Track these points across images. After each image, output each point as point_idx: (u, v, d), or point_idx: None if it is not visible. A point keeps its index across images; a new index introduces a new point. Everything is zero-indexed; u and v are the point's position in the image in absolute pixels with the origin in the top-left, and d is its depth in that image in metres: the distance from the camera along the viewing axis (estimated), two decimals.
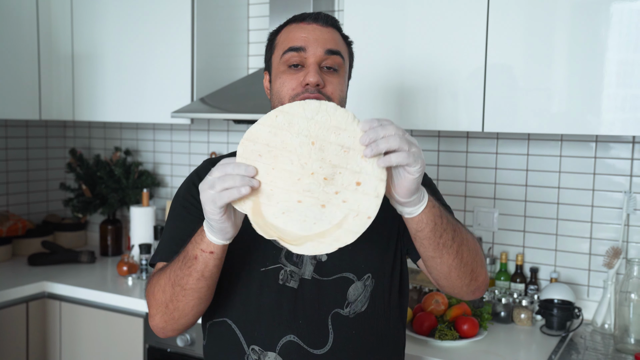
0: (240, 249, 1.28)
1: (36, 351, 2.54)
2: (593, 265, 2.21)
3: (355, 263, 1.29)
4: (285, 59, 1.28)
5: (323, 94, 1.26)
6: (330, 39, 1.29)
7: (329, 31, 1.31)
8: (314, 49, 1.27)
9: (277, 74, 1.30)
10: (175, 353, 2.23)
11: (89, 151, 3.36)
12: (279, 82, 1.29)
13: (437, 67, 2.03)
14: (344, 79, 1.33)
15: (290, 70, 1.28)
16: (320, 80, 1.25)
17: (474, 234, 1.33)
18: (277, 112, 1.07)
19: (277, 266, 1.28)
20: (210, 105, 2.42)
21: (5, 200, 3.12)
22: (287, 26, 1.34)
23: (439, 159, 2.45)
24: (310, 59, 1.27)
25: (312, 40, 1.27)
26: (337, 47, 1.30)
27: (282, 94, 1.28)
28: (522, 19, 1.90)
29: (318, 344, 1.26)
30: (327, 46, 1.28)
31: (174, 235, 1.34)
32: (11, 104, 2.69)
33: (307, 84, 1.25)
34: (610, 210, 2.17)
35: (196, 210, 1.33)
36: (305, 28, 1.29)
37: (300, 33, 1.29)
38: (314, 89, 1.25)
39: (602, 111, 1.81)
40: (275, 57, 1.32)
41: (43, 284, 2.54)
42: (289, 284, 1.28)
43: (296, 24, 1.31)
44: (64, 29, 2.82)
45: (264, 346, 1.27)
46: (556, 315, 2.04)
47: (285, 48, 1.29)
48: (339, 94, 1.29)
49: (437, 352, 1.85)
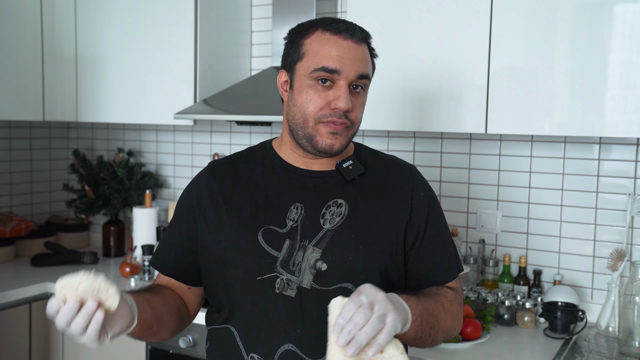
0: (236, 258, 1.28)
1: (39, 352, 2.54)
2: (597, 267, 2.20)
3: (355, 274, 1.27)
4: (316, 75, 1.25)
5: (348, 119, 1.26)
6: (363, 60, 1.27)
7: (362, 50, 1.28)
8: (347, 71, 1.24)
9: (303, 87, 1.27)
10: (177, 354, 2.23)
11: (92, 152, 3.36)
12: (305, 97, 1.26)
13: (440, 69, 2.03)
14: (365, 97, 1.32)
15: (318, 87, 1.25)
16: (349, 107, 1.25)
17: (453, 301, 1.35)
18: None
19: (273, 275, 1.26)
20: (213, 106, 2.42)
21: (8, 201, 3.12)
22: (319, 33, 1.28)
23: (441, 161, 2.45)
24: (342, 81, 1.25)
25: (347, 61, 1.24)
26: (367, 69, 1.29)
27: (308, 111, 1.26)
28: (525, 21, 1.90)
29: (317, 354, 1.25)
30: (361, 70, 1.26)
31: (164, 242, 1.45)
32: (15, 105, 2.70)
33: (335, 107, 1.24)
34: (614, 212, 2.16)
35: (184, 220, 1.39)
36: (341, 45, 1.25)
37: (335, 50, 1.25)
38: (342, 114, 1.25)
39: (606, 113, 1.80)
40: (303, 68, 1.27)
41: (46, 284, 2.54)
42: (285, 293, 1.26)
43: (330, 35, 1.26)
44: (68, 30, 2.83)
45: (263, 354, 1.27)
46: (560, 318, 2.04)
47: (317, 65, 1.24)
48: (360, 116, 1.30)
49: (440, 354, 1.84)
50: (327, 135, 1.26)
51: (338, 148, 1.28)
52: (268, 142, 1.43)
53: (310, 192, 1.32)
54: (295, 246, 1.27)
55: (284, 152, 1.36)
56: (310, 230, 1.28)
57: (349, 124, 1.27)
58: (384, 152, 1.46)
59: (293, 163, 1.35)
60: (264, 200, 1.31)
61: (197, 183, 1.40)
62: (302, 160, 1.35)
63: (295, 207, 1.30)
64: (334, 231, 1.28)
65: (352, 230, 1.29)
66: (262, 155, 1.39)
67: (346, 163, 1.34)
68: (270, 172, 1.35)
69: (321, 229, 1.28)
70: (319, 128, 1.26)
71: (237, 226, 1.30)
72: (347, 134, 1.29)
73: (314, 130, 1.26)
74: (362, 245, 1.28)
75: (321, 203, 1.31)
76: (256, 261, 1.27)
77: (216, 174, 1.38)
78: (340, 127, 1.26)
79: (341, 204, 1.31)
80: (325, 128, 1.26)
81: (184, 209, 1.39)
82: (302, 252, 1.27)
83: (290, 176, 1.34)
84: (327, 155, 1.30)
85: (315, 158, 1.34)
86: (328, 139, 1.26)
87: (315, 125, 1.26)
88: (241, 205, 1.32)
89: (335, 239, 1.28)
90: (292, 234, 1.28)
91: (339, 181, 1.34)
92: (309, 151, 1.30)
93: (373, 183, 1.35)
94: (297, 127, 1.29)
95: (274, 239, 1.28)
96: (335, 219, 1.29)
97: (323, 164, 1.35)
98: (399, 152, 2.51)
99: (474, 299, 2.16)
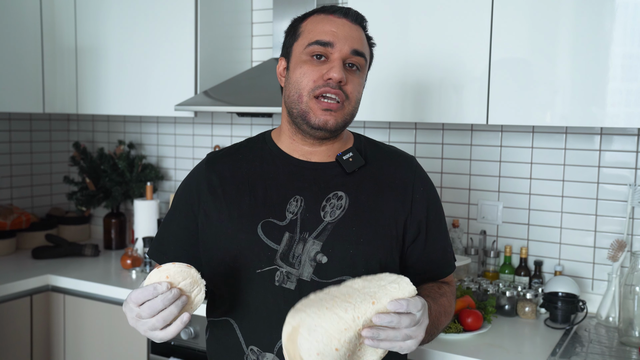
0: (236, 251, 1.28)
1: (40, 344, 2.54)
2: (597, 258, 2.20)
3: (355, 266, 1.28)
4: (310, 50, 1.26)
5: (343, 91, 1.26)
6: (357, 38, 1.28)
7: (357, 29, 1.29)
8: (341, 45, 1.25)
9: (298, 63, 1.28)
10: (178, 346, 2.23)
11: (92, 144, 3.36)
12: (300, 71, 1.27)
13: (441, 60, 2.02)
14: (362, 80, 1.32)
15: (313, 61, 1.27)
16: (343, 77, 1.24)
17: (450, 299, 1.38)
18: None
19: (272, 267, 1.27)
20: (214, 98, 2.42)
21: (9, 194, 3.12)
22: (315, 15, 1.31)
23: (443, 152, 2.45)
24: (335, 55, 1.26)
25: (341, 36, 1.26)
26: (363, 48, 1.29)
27: (302, 84, 1.26)
28: (527, 11, 1.89)
29: None
30: (354, 45, 1.27)
31: (162, 234, 1.42)
32: (15, 97, 2.69)
33: (329, 78, 1.24)
34: (614, 203, 2.16)
35: (183, 213, 1.38)
36: (335, 22, 1.27)
37: (329, 26, 1.27)
38: (336, 84, 1.25)
39: (607, 104, 1.80)
40: (299, 46, 1.30)
41: (47, 277, 2.54)
42: (285, 285, 1.26)
43: (325, 15, 1.29)
44: (68, 21, 2.82)
45: (262, 347, 1.27)
46: (560, 309, 2.04)
47: (312, 39, 1.27)
48: (356, 95, 1.29)
49: (441, 345, 1.85)
50: (320, 112, 1.26)
51: (333, 124, 1.27)
52: (267, 133, 1.42)
53: (310, 184, 1.31)
54: (294, 239, 1.27)
55: (283, 143, 1.36)
56: (310, 222, 1.28)
57: (344, 97, 1.26)
58: (384, 143, 1.46)
59: (292, 154, 1.35)
60: (264, 192, 1.31)
61: (195, 176, 1.39)
62: (302, 150, 1.34)
63: (295, 200, 1.30)
64: (334, 224, 1.28)
65: (352, 223, 1.29)
66: (261, 146, 1.39)
67: (346, 155, 1.34)
68: (270, 164, 1.35)
69: (322, 221, 1.28)
70: (312, 105, 1.26)
71: (236, 219, 1.30)
72: (343, 112, 1.28)
73: (307, 107, 1.26)
74: (363, 238, 1.29)
75: (321, 195, 1.30)
76: (256, 254, 1.27)
77: (215, 167, 1.37)
78: (334, 105, 1.25)
79: (341, 197, 1.31)
80: (318, 104, 1.25)
81: (183, 202, 1.39)
82: (302, 244, 1.27)
83: (289, 168, 1.33)
84: (322, 133, 1.28)
85: (314, 146, 1.33)
86: (322, 115, 1.26)
87: (309, 101, 1.26)
88: (240, 198, 1.31)
89: (336, 232, 1.28)
90: (291, 226, 1.28)
91: (339, 173, 1.33)
92: (305, 131, 1.29)
93: (374, 175, 1.35)
94: (293, 104, 1.29)
95: (273, 232, 1.28)
96: (336, 212, 1.29)
97: (322, 155, 1.34)
98: (400, 144, 2.50)
99: (475, 290, 2.16)
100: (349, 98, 1.27)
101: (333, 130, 1.28)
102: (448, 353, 1.80)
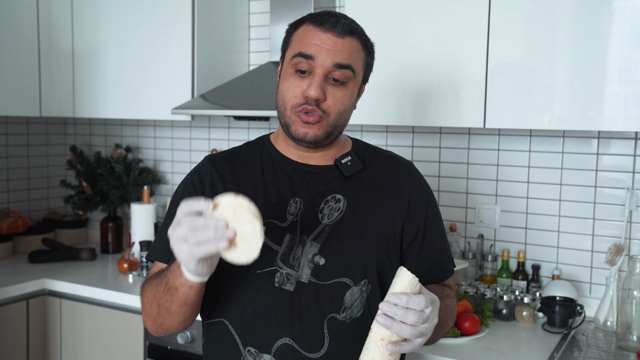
0: None
1: (36, 348, 2.53)
2: (595, 262, 2.20)
3: (352, 268, 1.28)
4: (294, 62, 1.27)
5: (321, 109, 1.26)
6: (342, 51, 1.27)
7: (344, 42, 1.27)
8: (322, 60, 1.25)
9: (285, 75, 1.30)
10: (175, 350, 2.23)
11: (89, 148, 3.35)
12: (285, 85, 1.29)
13: (439, 63, 2.02)
14: (350, 92, 1.31)
15: (296, 76, 1.28)
16: (320, 95, 1.25)
17: (454, 301, 1.40)
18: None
19: (272, 269, 1.27)
20: (211, 101, 2.41)
21: (5, 197, 3.11)
22: (305, 25, 1.30)
23: (440, 156, 2.44)
24: (317, 69, 1.26)
25: (323, 50, 1.25)
26: (349, 60, 1.27)
27: (286, 98, 1.28)
28: (524, 15, 1.89)
29: (313, 348, 1.25)
30: (337, 59, 1.26)
31: (164, 235, 1.35)
32: (11, 100, 2.69)
33: (307, 95, 1.25)
34: (612, 207, 2.16)
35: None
36: (320, 36, 1.26)
37: (313, 39, 1.26)
38: (314, 102, 1.26)
39: (605, 107, 1.80)
40: (287, 56, 1.31)
41: (43, 281, 2.53)
42: (284, 287, 1.26)
43: (313, 27, 1.28)
44: (64, 25, 2.81)
45: (260, 348, 1.27)
46: (558, 313, 2.04)
47: (296, 51, 1.27)
48: (338, 108, 1.29)
49: (438, 349, 1.84)
50: (300, 124, 1.28)
51: (312, 137, 1.28)
52: (266, 136, 1.43)
53: (308, 186, 1.32)
54: (295, 240, 1.28)
55: (280, 145, 1.38)
56: (309, 224, 1.29)
57: (321, 113, 1.27)
58: (382, 148, 1.46)
59: (290, 156, 1.36)
60: (264, 194, 1.32)
61: (199, 173, 1.38)
62: (298, 154, 1.36)
63: (294, 202, 1.30)
64: (332, 226, 1.29)
65: (350, 225, 1.30)
66: (260, 149, 1.40)
67: (345, 159, 1.35)
68: (269, 166, 1.36)
69: (319, 223, 1.29)
70: (294, 118, 1.28)
71: None
72: (322, 125, 1.28)
73: (290, 119, 1.29)
74: (360, 241, 1.29)
75: (320, 198, 1.31)
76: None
77: (217, 167, 1.37)
78: (312, 118, 1.26)
79: (339, 200, 1.31)
80: (299, 117, 1.27)
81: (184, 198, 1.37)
82: (301, 246, 1.27)
83: (288, 170, 1.34)
84: (305, 145, 1.31)
85: (308, 151, 1.35)
86: (301, 128, 1.28)
87: (292, 115, 1.28)
88: None
89: (333, 234, 1.28)
90: (292, 228, 1.28)
91: (337, 176, 1.34)
92: (292, 139, 1.32)
93: (371, 179, 1.36)
94: (280, 114, 1.31)
95: (274, 233, 1.28)
96: (334, 214, 1.30)
97: (319, 159, 1.36)
98: (397, 147, 2.50)
99: (472, 294, 2.16)
100: (326, 112, 1.27)
101: (313, 142, 1.30)
102: (445, 357, 1.79)
